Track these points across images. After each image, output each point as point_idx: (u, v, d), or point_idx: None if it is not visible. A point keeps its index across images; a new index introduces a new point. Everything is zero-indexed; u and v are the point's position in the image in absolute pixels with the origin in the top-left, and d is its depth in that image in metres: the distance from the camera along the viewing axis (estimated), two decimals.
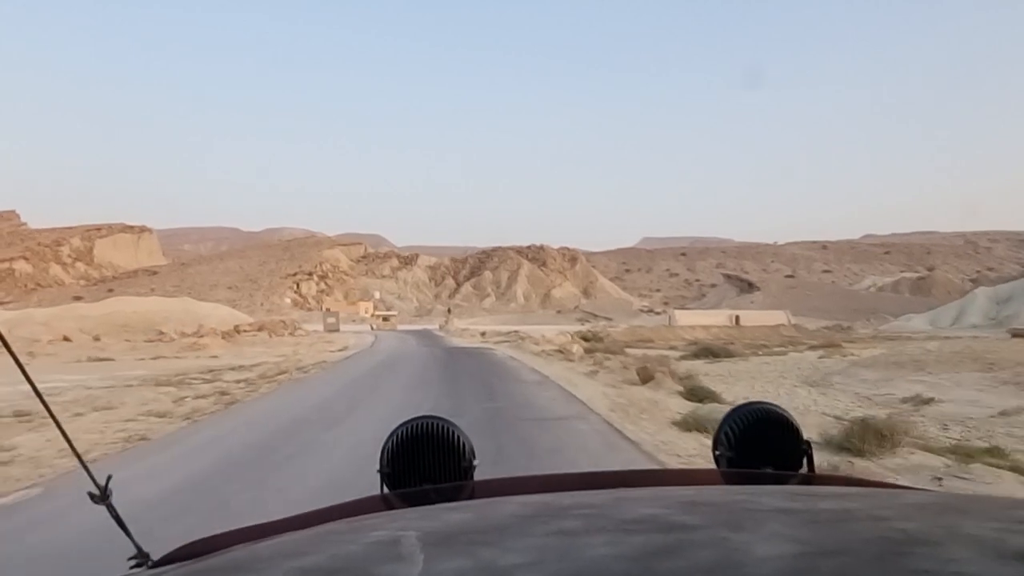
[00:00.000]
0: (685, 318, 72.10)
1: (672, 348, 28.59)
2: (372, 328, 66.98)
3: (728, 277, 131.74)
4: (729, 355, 21.70)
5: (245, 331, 46.10)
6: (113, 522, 0.92)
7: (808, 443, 1.09)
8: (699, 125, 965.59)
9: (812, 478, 1.05)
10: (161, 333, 45.22)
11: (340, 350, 31.24)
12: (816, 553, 0.48)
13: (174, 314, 53.04)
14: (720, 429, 1.13)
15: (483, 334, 44.68)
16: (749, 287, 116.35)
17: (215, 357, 26.42)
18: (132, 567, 0.87)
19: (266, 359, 23.70)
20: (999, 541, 0.50)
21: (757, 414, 1.11)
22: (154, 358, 25.56)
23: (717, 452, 1.12)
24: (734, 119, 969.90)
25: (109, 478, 0.95)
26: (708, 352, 21.60)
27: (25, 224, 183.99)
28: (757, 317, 71.65)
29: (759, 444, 1.08)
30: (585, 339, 28.37)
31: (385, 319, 74.24)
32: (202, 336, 40.66)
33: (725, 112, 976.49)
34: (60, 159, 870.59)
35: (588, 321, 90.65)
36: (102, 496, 0.93)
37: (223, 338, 40.78)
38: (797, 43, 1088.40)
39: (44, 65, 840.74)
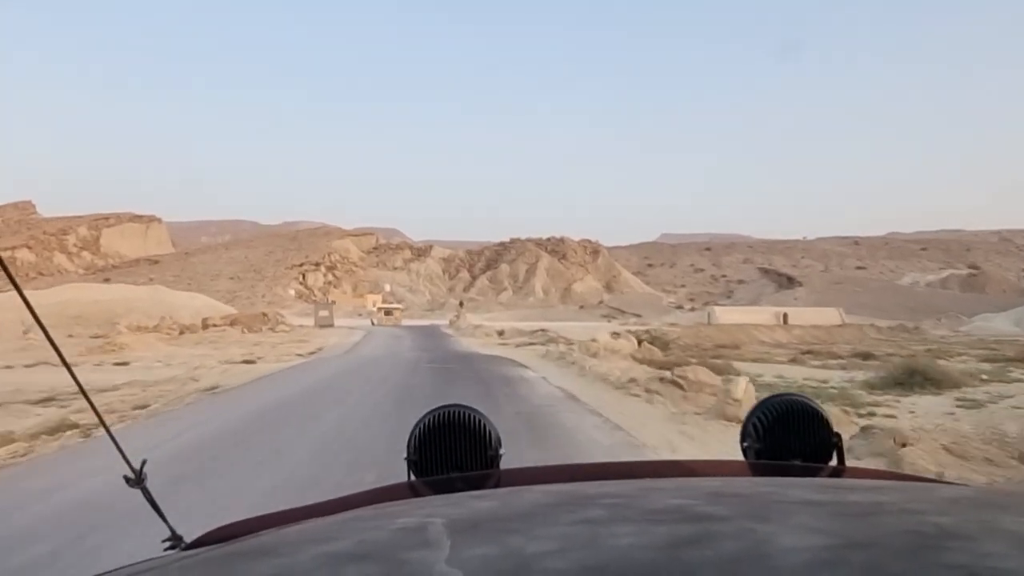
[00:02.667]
0: (726, 315, 64.19)
1: (793, 362, 19.49)
2: (373, 323, 58.00)
3: (765, 272, 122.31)
4: (955, 382, 12.13)
5: (215, 325, 38.70)
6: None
7: (838, 435, 1.06)
8: (713, 122, 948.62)
9: (842, 471, 1.02)
10: (115, 326, 38.14)
11: (311, 352, 23.73)
12: (845, 545, 0.47)
13: (141, 304, 45.88)
14: (748, 420, 1.10)
15: (501, 333, 36.43)
16: (789, 282, 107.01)
17: (123, 364, 18.90)
18: (166, 549, 0.90)
19: (177, 372, 16.06)
20: None
21: (786, 405, 1.08)
22: (31, 365, 17.98)
23: (745, 444, 1.10)
24: (750, 116, 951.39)
25: (144, 462, 0.98)
26: (914, 375, 12.58)
27: (36, 213, 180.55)
28: (807, 315, 63.57)
29: (788, 436, 1.06)
30: (644, 342, 20.13)
31: (387, 313, 63.09)
32: (158, 330, 33.27)
33: (740, 109, 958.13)
34: (83, 153, 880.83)
35: (615, 318, 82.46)
36: (137, 480, 0.95)
37: (180, 334, 33.30)
38: (818, 38, 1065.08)
39: (68, 65, 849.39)
